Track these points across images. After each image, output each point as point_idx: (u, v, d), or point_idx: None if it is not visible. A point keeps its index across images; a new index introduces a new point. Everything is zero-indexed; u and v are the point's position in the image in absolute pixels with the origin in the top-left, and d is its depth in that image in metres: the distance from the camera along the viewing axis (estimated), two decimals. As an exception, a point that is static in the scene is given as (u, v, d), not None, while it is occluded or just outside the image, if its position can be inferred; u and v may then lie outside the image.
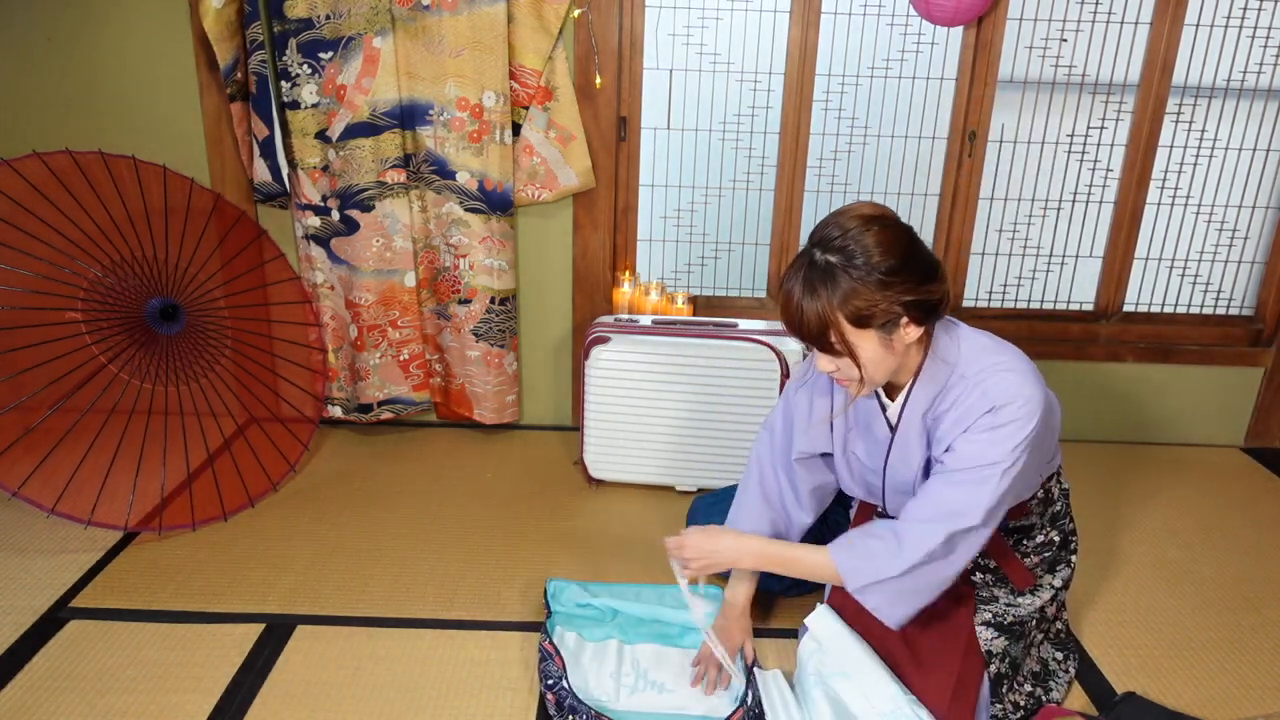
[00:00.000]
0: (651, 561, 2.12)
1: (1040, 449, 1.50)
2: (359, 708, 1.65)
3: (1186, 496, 2.48)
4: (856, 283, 1.31)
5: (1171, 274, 2.70)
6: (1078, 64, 2.48)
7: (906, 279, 1.33)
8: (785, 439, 1.73)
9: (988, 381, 1.41)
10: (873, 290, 1.31)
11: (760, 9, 2.44)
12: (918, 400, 1.49)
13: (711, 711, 1.65)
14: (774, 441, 1.74)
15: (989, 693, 1.55)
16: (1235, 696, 1.75)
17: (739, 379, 2.30)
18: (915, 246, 1.36)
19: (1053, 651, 1.73)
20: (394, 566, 2.07)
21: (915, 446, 1.52)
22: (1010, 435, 1.39)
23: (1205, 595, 2.06)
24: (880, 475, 1.60)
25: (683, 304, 2.61)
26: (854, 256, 1.32)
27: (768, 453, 1.76)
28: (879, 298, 1.32)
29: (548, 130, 2.42)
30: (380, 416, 2.65)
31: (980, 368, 1.43)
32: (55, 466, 2.06)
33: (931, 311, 1.38)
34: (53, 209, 2.06)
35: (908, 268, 1.33)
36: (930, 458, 1.52)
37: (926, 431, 1.50)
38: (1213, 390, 2.75)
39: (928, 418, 1.49)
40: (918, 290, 1.34)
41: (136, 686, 1.68)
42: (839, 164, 2.58)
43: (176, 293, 2.23)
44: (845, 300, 1.31)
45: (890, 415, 1.55)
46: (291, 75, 2.28)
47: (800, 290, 1.33)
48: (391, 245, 2.46)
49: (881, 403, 1.55)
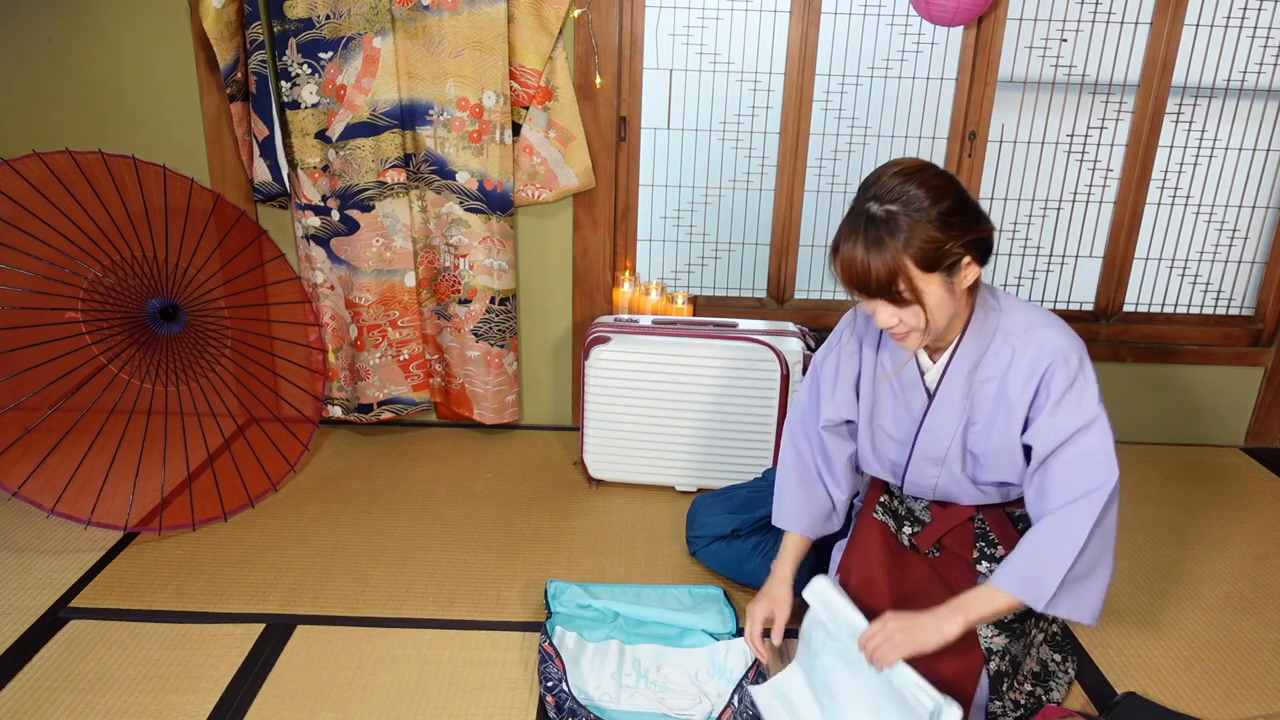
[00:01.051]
0: (652, 562, 2.13)
1: None
2: (359, 708, 1.65)
3: (1186, 496, 2.48)
4: (919, 226, 1.34)
5: (1172, 274, 2.70)
6: (1078, 64, 2.48)
7: (963, 218, 1.37)
8: (813, 407, 1.73)
9: (1038, 339, 1.45)
10: (935, 231, 1.35)
11: (760, 9, 2.44)
12: (964, 357, 1.50)
13: (714, 712, 1.65)
14: (804, 413, 1.75)
15: (988, 689, 1.55)
16: (1235, 696, 1.75)
17: (739, 379, 2.30)
18: (962, 189, 1.41)
19: (1051, 653, 1.73)
20: (394, 566, 2.07)
21: (955, 410, 1.53)
22: (1085, 387, 1.44)
23: (1205, 595, 2.06)
24: (909, 447, 1.61)
25: (683, 304, 2.61)
26: (911, 203, 1.35)
27: (799, 427, 1.77)
28: (942, 238, 1.35)
29: (548, 130, 2.42)
30: (380, 416, 2.65)
31: (1026, 323, 1.47)
32: (55, 466, 2.06)
33: (987, 251, 1.42)
34: (53, 209, 2.06)
35: (962, 208, 1.37)
36: (968, 424, 1.53)
37: (970, 395, 1.51)
38: (1212, 390, 2.75)
39: (975, 375, 1.50)
40: (975, 229, 1.38)
41: (136, 686, 1.68)
42: (839, 164, 2.58)
43: (176, 293, 2.23)
44: (910, 244, 1.34)
45: (930, 380, 1.55)
46: (291, 75, 2.28)
47: (863, 244, 1.36)
48: (391, 245, 2.46)
49: (920, 368, 1.56)
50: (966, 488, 1.62)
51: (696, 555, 2.09)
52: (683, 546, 2.17)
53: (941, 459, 1.58)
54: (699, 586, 1.99)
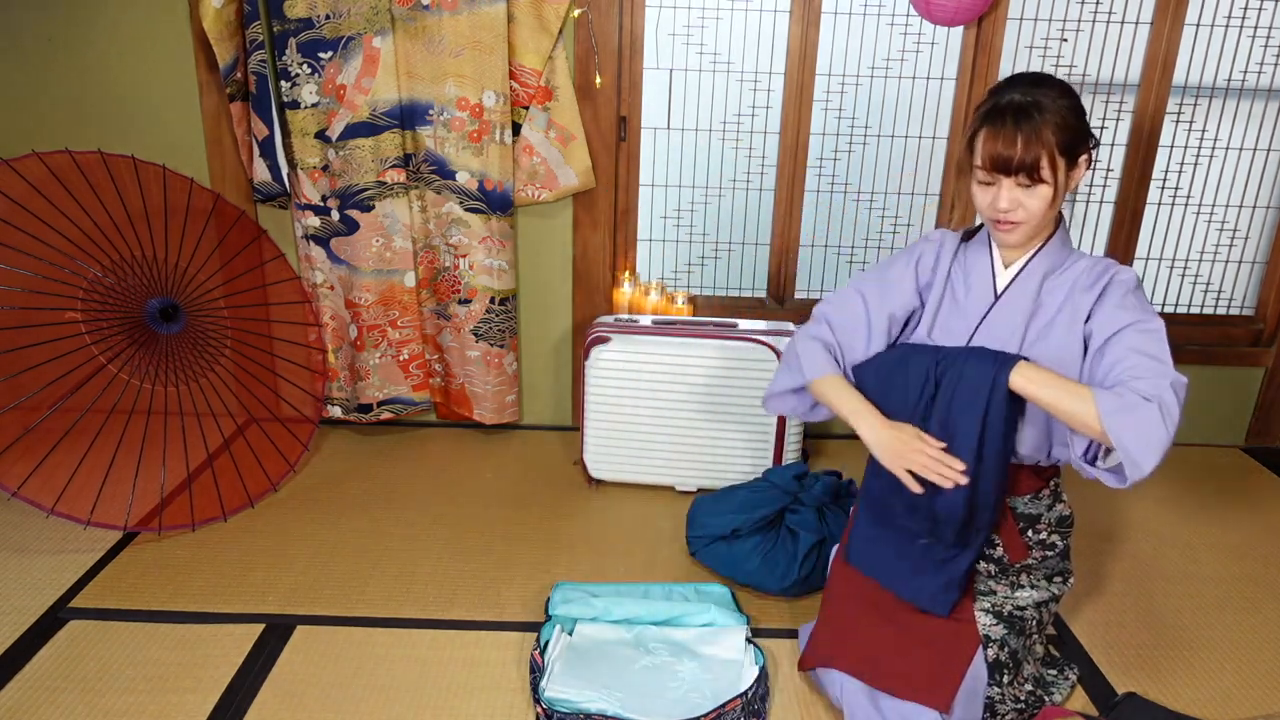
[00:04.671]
0: (652, 562, 2.12)
1: None
2: (359, 708, 1.64)
3: (1186, 496, 2.48)
4: (1060, 111, 1.50)
5: (1172, 274, 2.70)
6: (1078, 64, 2.48)
7: (1085, 117, 1.55)
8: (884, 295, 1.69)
9: (1105, 260, 1.60)
10: (1071, 119, 1.51)
11: (760, 9, 2.44)
12: (1043, 260, 1.62)
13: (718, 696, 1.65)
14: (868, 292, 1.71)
15: (986, 674, 1.55)
16: (1235, 696, 1.75)
17: (739, 379, 2.30)
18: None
19: (1045, 670, 1.74)
20: (394, 566, 2.07)
21: (1022, 307, 1.60)
22: (1143, 299, 1.56)
23: (1205, 595, 2.06)
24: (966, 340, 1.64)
25: (683, 304, 2.61)
26: (1049, 93, 1.51)
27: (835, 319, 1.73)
28: (1077, 124, 1.52)
29: (548, 130, 2.42)
30: (380, 416, 2.65)
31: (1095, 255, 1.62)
32: (55, 466, 2.06)
33: (1093, 158, 1.58)
34: (53, 209, 2.06)
35: (1082, 108, 1.55)
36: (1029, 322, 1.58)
37: (1038, 296, 1.59)
38: (1213, 390, 2.75)
39: (1047, 281, 1.60)
40: (1090, 129, 1.56)
41: (136, 686, 1.68)
42: (839, 164, 2.58)
43: (176, 293, 2.23)
44: (1054, 125, 1.49)
45: (1000, 283, 1.64)
46: (291, 75, 2.28)
47: (1013, 121, 1.49)
48: (391, 245, 2.46)
49: (993, 271, 1.65)
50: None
51: (696, 555, 2.09)
52: (683, 546, 2.17)
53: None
54: (704, 584, 1.99)
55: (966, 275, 1.68)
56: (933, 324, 1.69)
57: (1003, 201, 1.53)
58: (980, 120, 1.54)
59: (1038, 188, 1.51)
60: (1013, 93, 1.52)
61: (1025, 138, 1.48)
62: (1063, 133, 1.49)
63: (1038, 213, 1.53)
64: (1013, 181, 1.52)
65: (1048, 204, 1.53)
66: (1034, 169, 1.49)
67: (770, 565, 1.97)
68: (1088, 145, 1.55)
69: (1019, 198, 1.53)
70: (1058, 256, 1.61)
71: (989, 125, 1.52)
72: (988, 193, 1.55)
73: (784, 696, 1.70)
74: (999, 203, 1.54)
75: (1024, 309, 1.61)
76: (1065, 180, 1.54)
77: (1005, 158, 1.50)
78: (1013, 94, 1.52)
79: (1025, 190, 1.52)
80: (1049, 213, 1.55)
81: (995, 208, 1.54)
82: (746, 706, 1.61)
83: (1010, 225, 1.56)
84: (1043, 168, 1.49)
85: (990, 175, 1.53)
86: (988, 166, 1.52)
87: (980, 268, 1.67)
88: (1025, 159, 1.49)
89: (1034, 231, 1.58)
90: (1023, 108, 1.50)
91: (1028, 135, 1.48)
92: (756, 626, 1.89)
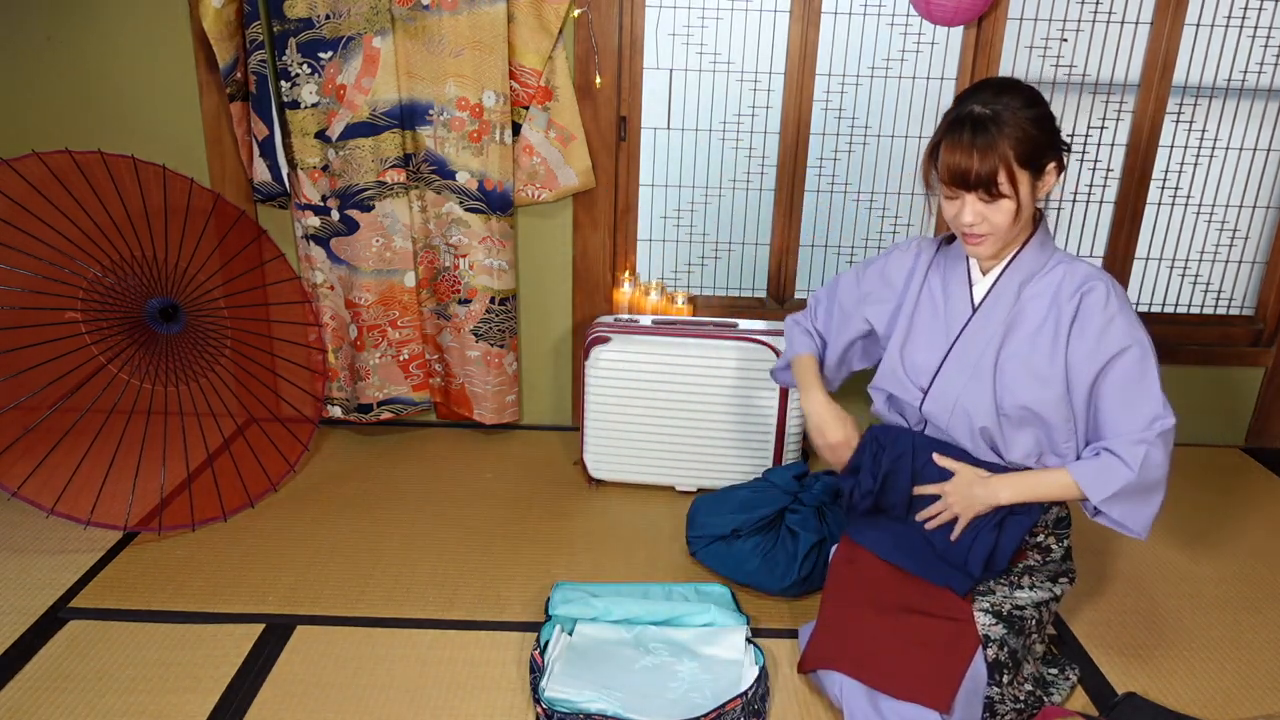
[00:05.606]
0: (652, 562, 2.12)
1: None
2: (359, 708, 1.65)
3: (1186, 496, 2.48)
4: (1020, 123, 1.48)
5: (1172, 274, 2.70)
6: (1078, 64, 2.48)
7: (1051, 125, 1.53)
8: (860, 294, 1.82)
9: (1083, 267, 1.60)
10: (1032, 129, 1.49)
11: (760, 9, 2.44)
12: (1020, 268, 1.61)
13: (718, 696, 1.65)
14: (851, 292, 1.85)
15: (986, 674, 1.55)
16: (1235, 696, 1.75)
17: (739, 379, 2.30)
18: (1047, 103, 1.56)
19: (1046, 669, 1.74)
20: (394, 566, 2.07)
21: (999, 318, 1.60)
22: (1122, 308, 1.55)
23: (1205, 595, 2.06)
24: (943, 355, 1.65)
25: (683, 304, 2.61)
26: (1009, 104, 1.49)
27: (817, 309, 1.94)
28: (1038, 135, 1.50)
29: (548, 130, 2.42)
30: (380, 416, 2.65)
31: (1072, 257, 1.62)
32: (55, 466, 2.06)
33: (1064, 164, 1.56)
34: (53, 209, 2.06)
35: (1049, 116, 1.53)
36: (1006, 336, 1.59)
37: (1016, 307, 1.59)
38: (1213, 390, 2.75)
39: (1025, 289, 1.60)
40: (1058, 137, 1.54)
41: (136, 686, 1.68)
42: (839, 164, 2.58)
43: (176, 293, 2.23)
44: (1012, 137, 1.47)
45: (978, 293, 1.64)
46: (291, 75, 2.28)
47: (970, 134, 1.48)
48: (391, 245, 2.46)
49: (970, 279, 1.65)
50: (987, 411, 1.62)
51: (696, 555, 2.09)
52: (683, 546, 2.17)
53: (972, 368, 1.63)
54: (704, 584, 1.99)
55: (945, 284, 1.68)
56: (906, 338, 1.71)
57: (966, 216, 1.52)
58: (941, 130, 1.53)
59: (1000, 202, 1.50)
60: (974, 102, 1.51)
61: (981, 151, 1.47)
62: (1022, 145, 1.47)
63: (1003, 226, 1.52)
64: (974, 196, 1.50)
65: (1012, 217, 1.52)
66: (991, 183, 1.48)
67: (770, 565, 1.97)
68: (1056, 154, 1.53)
69: (982, 211, 1.52)
70: (1037, 259, 1.61)
71: (949, 136, 1.51)
72: (952, 206, 1.55)
73: (784, 696, 1.70)
74: (963, 217, 1.53)
75: (1000, 320, 1.61)
76: (1032, 191, 1.53)
77: (963, 171, 1.49)
78: (974, 104, 1.51)
79: (988, 205, 1.51)
80: (1015, 226, 1.54)
81: (960, 222, 1.54)
82: (746, 706, 1.61)
83: (977, 239, 1.55)
84: (1000, 182, 1.48)
85: (950, 189, 1.52)
86: (946, 180, 1.51)
87: (957, 276, 1.67)
88: (982, 172, 1.47)
89: (1003, 243, 1.57)
90: (980, 120, 1.48)
91: (984, 148, 1.47)
92: (756, 626, 1.89)
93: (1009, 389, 1.60)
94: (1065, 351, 1.57)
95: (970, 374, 1.63)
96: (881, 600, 1.63)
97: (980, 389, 1.62)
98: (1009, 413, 1.60)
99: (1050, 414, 1.58)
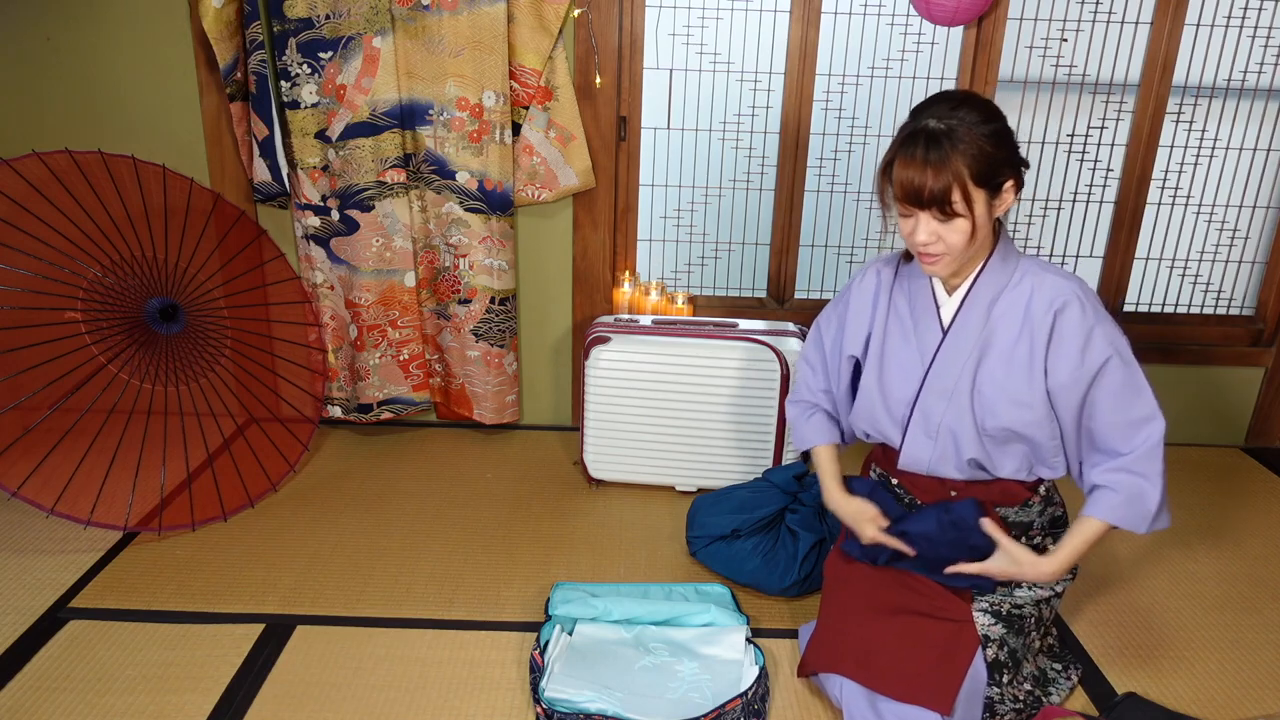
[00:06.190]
0: (652, 562, 2.12)
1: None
2: (359, 708, 1.65)
3: (1186, 496, 2.48)
4: (976, 140, 1.43)
5: (1172, 274, 2.70)
6: (1078, 64, 2.48)
7: (1008, 141, 1.48)
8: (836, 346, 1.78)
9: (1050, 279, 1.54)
10: (989, 146, 1.44)
11: (760, 9, 2.44)
12: (985, 286, 1.57)
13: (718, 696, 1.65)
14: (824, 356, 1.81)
15: (986, 674, 1.55)
16: (1235, 696, 1.75)
17: (739, 379, 2.30)
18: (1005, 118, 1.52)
19: (1050, 663, 1.74)
20: (394, 566, 2.07)
21: (970, 341, 1.57)
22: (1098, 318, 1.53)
23: (1205, 595, 2.06)
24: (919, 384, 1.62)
25: (683, 304, 2.61)
26: (965, 120, 1.44)
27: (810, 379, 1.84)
28: (995, 152, 1.44)
29: (548, 130, 2.42)
30: (380, 416, 2.65)
31: (1040, 267, 1.57)
32: (55, 466, 2.06)
33: (1022, 182, 1.52)
34: (53, 209, 2.06)
35: (1007, 132, 1.48)
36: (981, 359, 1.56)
37: (986, 328, 1.56)
38: (1213, 390, 2.75)
39: (994, 308, 1.56)
40: (1016, 154, 1.49)
41: (136, 686, 1.68)
42: (839, 164, 2.58)
43: (176, 293, 2.23)
44: (967, 155, 1.43)
45: (945, 314, 1.60)
46: (291, 75, 2.28)
47: (923, 152, 1.43)
48: (391, 245, 2.46)
49: (936, 302, 1.61)
50: (969, 433, 1.60)
51: (696, 555, 2.09)
52: (683, 546, 2.17)
53: (950, 393, 1.60)
54: (704, 584, 1.99)
55: (911, 305, 1.64)
56: (880, 363, 1.67)
57: (920, 234, 1.48)
58: (895, 146, 1.48)
59: (954, 221, 1.46)
60: (929, 116, 1.46)
61: (935, 168, 1.42)
62: (978, 162, 1.43)
63: (958, 246, 1.48)
64: (928, 214, 1.46)
65: (967, 237, 1.47)
66: (945, 202, 1.43)
67: (770, 565, 1.97)
68: (1014, 172, 1.48)
69: (937, 230, 1.47)
70: (1002, 273, 1.56)
71: (902, 152, 1.46)
72: (906, 224, 1.51)
73: (784, 696, 1.70)
74: (917, 235, 1.49)
75: (973, 341, 1.58)
76: (989, 210, 1.48)
77: (915, 189, 1.44)
78: (928, 118, 1.46)
79: (942, 224, 1.47)
80: (971, 245, 1.49)
81: (914, 241, 1.50)
82: (746, 707, 1.61)
83: (932, 258, 1.51)
84: (954, 200, 1.43)
85: (903, 206, 1.48)
86: (899, 197, 1.47)
87: (923, 298, 1.63)
88: (935, 190, 1.43)
89: (960, 262, 1.53)
90: (934, 135, 1.43)
91: (937, 165, 1.42)
92: (756, 626, 1.89)
93: (990, 411, 1.57)
94: (1045, 375, 1.53)
95: (948, 400, 1.60)
96: (880, 602, 1.63)
97: (960, 413, 1.60)
98: (992, 434, 1.59)
99: (1034, 433, 1.56)
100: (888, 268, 1.70)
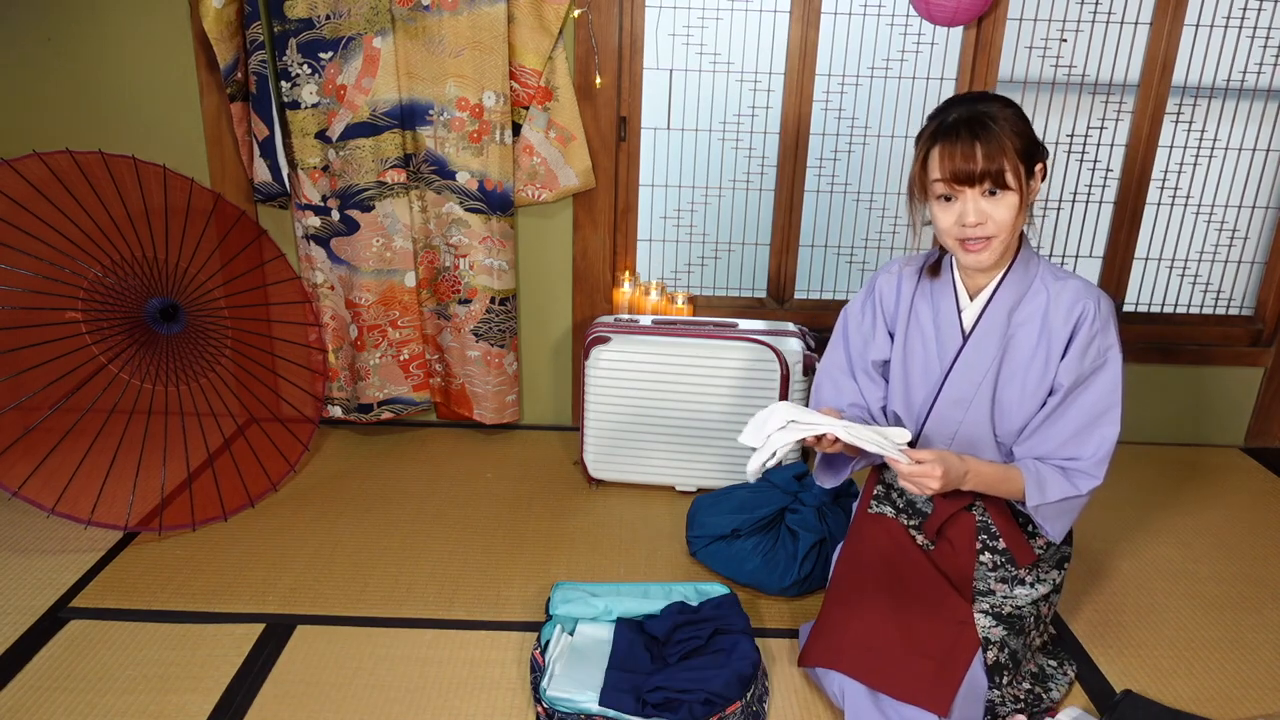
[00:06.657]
0: (652, 562, 2.13)
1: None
2: (359, 708, 1.65)
3: (1186, 496, 2.48)
4: (1012, 120, 1.49)
5: (1172, 274, 2.70)
6: (1078, 64, 2.48)
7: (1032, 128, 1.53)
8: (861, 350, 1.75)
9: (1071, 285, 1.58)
10: (1022, 126, 1.50)
11: (760, 9, 2.44)
12: (1007, 292, 1.59)
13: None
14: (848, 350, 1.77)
15: (986, 678, 1.55)
16: (1235, 696, 1.75)
17: (739, 379, 2.30)
18: None
19: (1046, 660, 1.74)
20: (394, 566, 2.07)
21: (990, 350, 1.59)
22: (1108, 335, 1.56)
23: (1205, 595, 2.06)
24: (936, 390, 1.64)
25: (683, 304, 2.61)
26: (993, 105, 1.50)
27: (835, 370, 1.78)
28: (1028, 133, 1.50)
29: (548, 130, 2.42)
30: (380, 416, 2.65)
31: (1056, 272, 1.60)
32: (55, 466, 2.06)
33: (1046, 169, 1.57)
34: (53, 209, 2.06)
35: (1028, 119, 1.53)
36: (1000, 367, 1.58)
37: (1006, 336, 1.58)
38: (1213, 390, 2.75)
39: (1014, 316, 1.58)
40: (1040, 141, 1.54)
41: (136, 686, 1.68)
42: (839, 164, 2.58)
43: (176, 293, 2.23)
44: (1010, 131, 1.47)
45: (967, 320, 1.62)
46: (291, 75, 2.28)
47: (969, 130, 1.47)
48: (391, 245, 2.47)
49: (958, 306, 1.63)
50: (987, 441, 1.63)
51: (696, 555, 2.09)
52: (683, 546, 2.17)
53: (969, 401, 1.62)
54: (704, 584, 1.99)
55: (935, 313, 1.66)
56: (904, 363, 1.69)
57: (970, 215, 1.49)
58: (930, 140, 1.51)
59: (1004, 196, 1.48)
60: (957, 110, 1.50)
61: (985, 147, 1.46)
62: (1020, 138, 1.48)
63: (1007, 223, 1.50)
64: (977, 192, 1.48)
65: (1015, 213, 1.50)
66: (999, 175, 1.47)
67: (770, 565, 1.97)
68: (1043, 156, 1.54)
69: (985, 209, 1.49)
70: (1024, 279, 1.59)
71: (943, 142, 1.49)
72: (950, 210, 1.51)
73: (784, 696, 1.70)
74: (966, 217, 1.50)
75: (994, 348, 1.60)
76: (1026, 189, 1.51)
77: (967, 170, 1.47)
78: (958, 111, 1.50)
79: (991, 201, 1.49)
80: (1018, 224, 1.52)
81: (963, 223, 1.51)
82: (746, 707, 1.61)
83: (981, 242, 1.52)
84: (1007, 172, 1.47)
85: (951, 188, 1.49)
86: (949, 179, 1.48)
87: (946, 305, 1.64)
88: (990, 167, 1.46)
89: (1005, 246, 1.54)
90: (976, 118, 1.48)
91: (987, 143, 1.46)
92: (757, 626, 1.89)
93: (1007, 416, 1.61)
94: (1055, 375, 1.58)
95: (966, 409, 1.63)
96: (883, 601, 1.63)
97: (975, 420, 1.63)
98: (1004, 440, 1.63)
99: None
100: (911, 275, 1.70)
